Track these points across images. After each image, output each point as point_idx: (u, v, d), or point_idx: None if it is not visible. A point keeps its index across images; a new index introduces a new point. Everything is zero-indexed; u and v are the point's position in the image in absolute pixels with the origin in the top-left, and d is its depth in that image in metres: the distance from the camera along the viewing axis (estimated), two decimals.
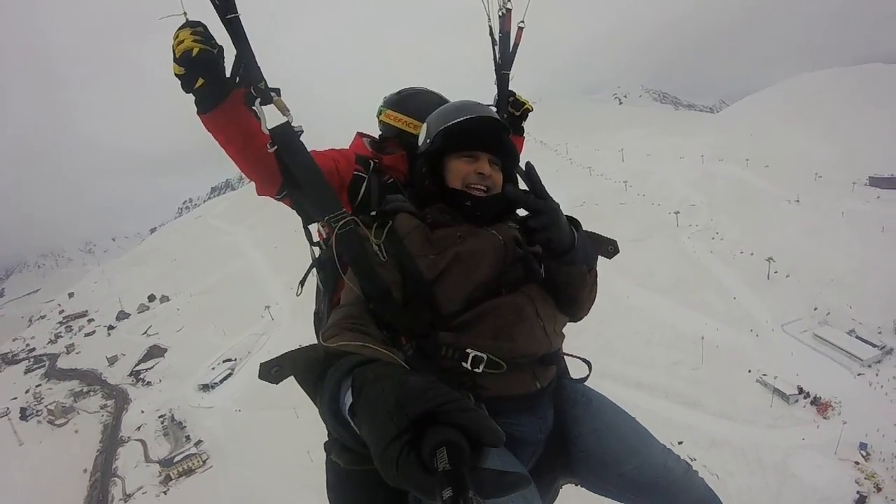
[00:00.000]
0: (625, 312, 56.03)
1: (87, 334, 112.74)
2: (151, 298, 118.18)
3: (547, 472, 1.84)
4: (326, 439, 1.35)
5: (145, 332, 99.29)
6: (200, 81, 1.88)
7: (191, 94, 1.94)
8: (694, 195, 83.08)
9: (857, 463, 37.34)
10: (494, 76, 2.71)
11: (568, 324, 1.94)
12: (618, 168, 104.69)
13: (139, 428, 65.03)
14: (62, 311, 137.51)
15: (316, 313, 2.31)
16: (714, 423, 41.86)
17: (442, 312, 1.65)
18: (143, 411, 68.86)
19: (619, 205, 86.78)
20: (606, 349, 49.23)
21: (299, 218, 2.16)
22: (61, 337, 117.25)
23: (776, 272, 59.07)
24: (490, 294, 1.70)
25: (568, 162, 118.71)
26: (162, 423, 64.05)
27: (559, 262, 1.72)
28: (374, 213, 1.93)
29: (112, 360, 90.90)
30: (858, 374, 45.01)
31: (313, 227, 2.24)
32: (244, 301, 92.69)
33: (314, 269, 2.20)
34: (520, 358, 1.67)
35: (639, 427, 1.94)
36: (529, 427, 1.74)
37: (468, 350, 1.60)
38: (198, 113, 1.97)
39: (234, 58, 1.92)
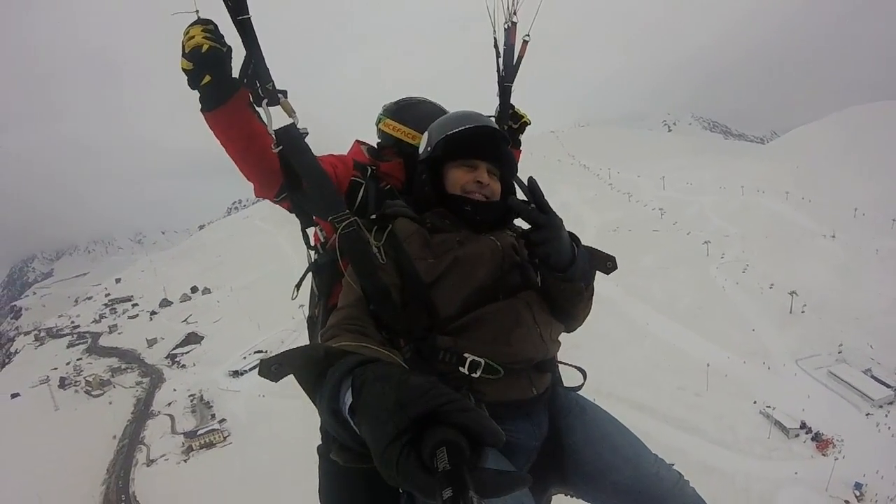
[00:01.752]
0: (639, 338, 57.31)
1: (131, 317, 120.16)
2: (194, 290, 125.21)
3: (540, 479, 1.89)
4: (319, 443, 1.51)
5: (185, 320, 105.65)
6: (207, 78, 1.95)
7: (196, 91, 2.01)
8: (728, 227, 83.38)
9: (847, 502, 37.57)
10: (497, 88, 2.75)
11: (582, 345, 3.30)
12: (657, 196, 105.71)
13: (169, 404, 70.23)
14: (108, 294, 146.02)
15: (310, 318, 2.36)
16: (708, 450, 42.50)
17: (440, 316, 1.70)
18: (174, 390, 74.10)
19: (652, 231, 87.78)
20: (615, 370, 50.38)
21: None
22: (105, 317, 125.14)
23: (803, 308, 59.16)
24: (488, 299, 1.75)
25: (608, 187, 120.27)
26: (191, 401, 69.00)
27: (557, 276, 1.76)
28: (373, 216, 1.99)
29: (151, 343, 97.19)
30: (867, 414, 45.07)
31: (310, 231, 2.33)
32: (280, 299, 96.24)
33: (309, 274, 2.30)
34: (517, 363, 1.71)
35: (631, 436, 1.99)
36: (525, 433, 1.78)
37: (466, 354, 1.64)
38: (202, 110, 2.03)
39: (242, 59, 1.98)
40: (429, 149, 2.04)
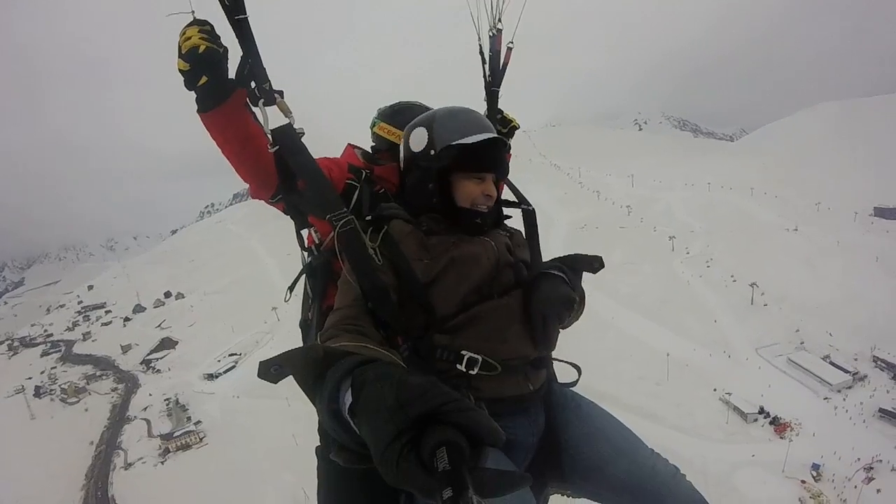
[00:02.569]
0: (603, 330, 59.35)
1: (104, 324, 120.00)
2: (167, 295, 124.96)
3: (538, 476, 1.87)
4: (318, 445, 1.50)
5: (159, 326, 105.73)
6: (204, 79, 1.95)
7: (192, 93, 2.01)
8: (694, 222, 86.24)
9: (803, 482, 39.06)
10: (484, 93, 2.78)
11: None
12: (626, 193, 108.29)
13: (146, 409, 70.92)
14: (81, 301, 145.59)
15: (304, 321, 2.36)
16: (667, 435, 43.54)
17: (437, 315, 1.72)
18: (150, 394, 74.77)
19: (619, 228, 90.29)
20: (579, 363, 51.91)
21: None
22: (79, 325, 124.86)
23: (764, 299, 61.76)
24: (483, 298, 1.78)
25: (578, 185, 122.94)
26: (167, 405, 69.70)
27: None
28: (368, 217, 1.96)
29: (126, 349, 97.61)
30: (825, 399, 46.95)
31: (304, 233, 2.36)
32: (253, 302, 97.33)
33: (302, 276, 2.34)
34: (513, 360, 1.74)
35: (627, 431, 2.01)
36: (523, 429, 1.81)
37: (463, 352, 1.67)
38: (198, 111, 2.03)
39: (239, 59, 1.97)
40: (432, 152, 1.97)
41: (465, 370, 1.66)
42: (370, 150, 2.67)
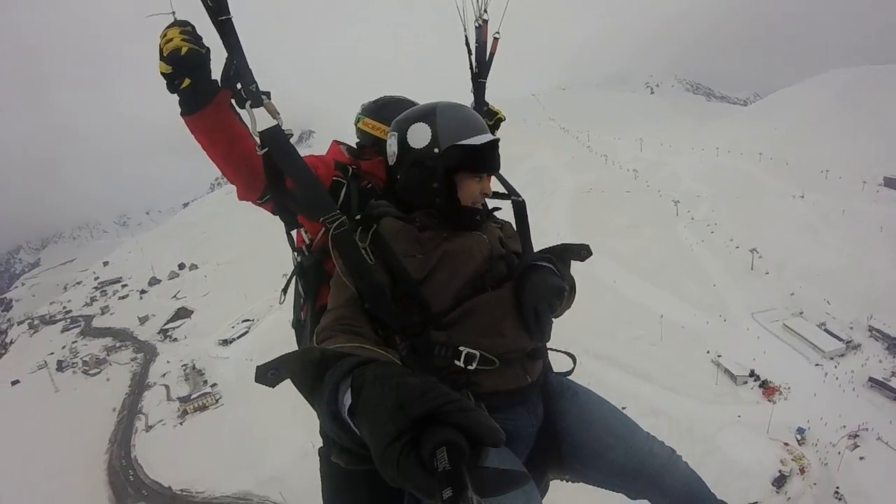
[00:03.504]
0: (601, 293, 60.77)
1: (121, 297, 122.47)
2: (181, 267, 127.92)
3: (538, 465, 1.94)
4: (321, 446, 1.51)
5: (174, 296, 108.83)
6: (187, 82, 1.93)
7: (175, 95, 1.99)
8: (700, 187, 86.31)
9: (786, 444, 40.20)
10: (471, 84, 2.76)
11: None
12: (634, 157, 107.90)
13: (164, 375, 74.35)
14: (97, 277, 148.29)
15: (297, 321, 2.42)
16: (658, 394, 46.05)
17: (432, 311, 1.74)
18: (168, 362, 78.13)
19: (624, 192, 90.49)
20: (578, 324, 52.43)
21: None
22: (96, 300, 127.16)
23: (764, 265, 62.52)
24: (477, 291, 1.81)
25: (587, 149, 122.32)
26: (184, 370, 73.05)
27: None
28: (358, 217, 1.98)
29: (143, 320, 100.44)
30: (817, 365, 47.72)
31: (294, 233, 2.40)
32: (265, 270, 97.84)
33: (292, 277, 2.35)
34: (510, 353, 1.77)
35: (623, 416, 2.09)
36: (522, 421, 1.86)
37: (461, 348, 1.69)
38: (182, 114, 2.02)
39: (224, 60, 1.97)
40: (436, 150, 1.93)
41: (463, 366, 1.69)
42: (355, 146, 2.71)
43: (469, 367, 1.69)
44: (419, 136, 1.97)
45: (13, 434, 67.47)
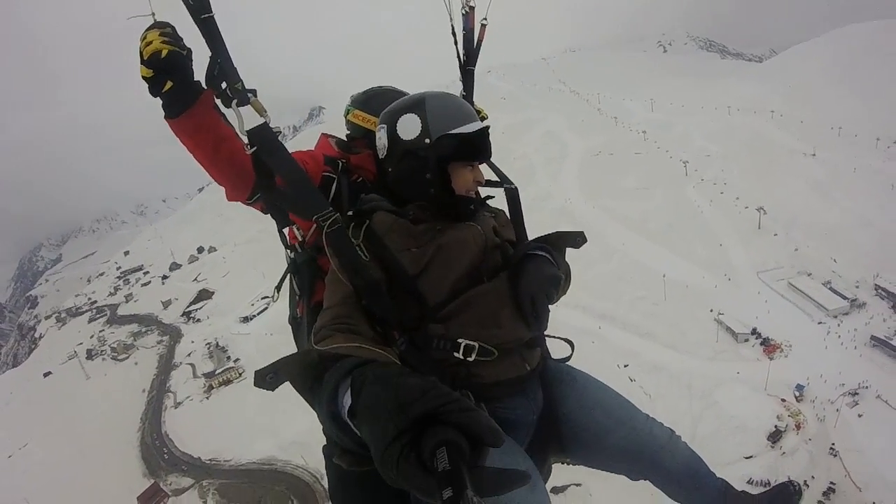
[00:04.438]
0: (609, 255, 62.36)
1: (144, 284, 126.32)
2: (200, 250, 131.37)
3: (539, 451, 2.00)
4: (325, 443, 1.49)
5: (195, 279, 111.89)
6: (169, 84, 1.93)
7: (158, 99, 1.98)
8: (711, 146, 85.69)
9: (784, 400, 41.26)
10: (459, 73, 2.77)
11: None
12: (645, 118, 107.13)
13: (189, 354, 78.30)
14: (119, 267, 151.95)
15: (293, 318, 2.44)
16: (659, 352, 47.72)
17: (429, 304, 1.77)
18: (192, 342, 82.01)
19: (634, 154, 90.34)
20: (584, 285, 54.31)
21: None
22: (120, 289, 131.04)
23: (771, 222, 62.56)
24: (473, 282, 1.83)
25: (597, 112, 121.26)
26: (208, 348, 76.95)
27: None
28: (350, 212, 1.98)
29: (166, 304, 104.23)
30: (820, 323, 48.25)
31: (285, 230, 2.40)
32: (280, 247, 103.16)
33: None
34: (508, 343, 1.80)
35: (622, 399, 2.15)
36: (523, 409, 1.90)
37: (459, 340, 1.72)
38: (165, 117, 2.01)
39: (208, 60, 1.95)
40: (427, 140, 1.97)
41: (462, 357, 1.72)
42: (345, 139, 2.72)
43: (468, 359, 1.72)
44: (409, 127, 2.00)
45: (49, 421, 71.95)
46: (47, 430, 70.09)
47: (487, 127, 2.08)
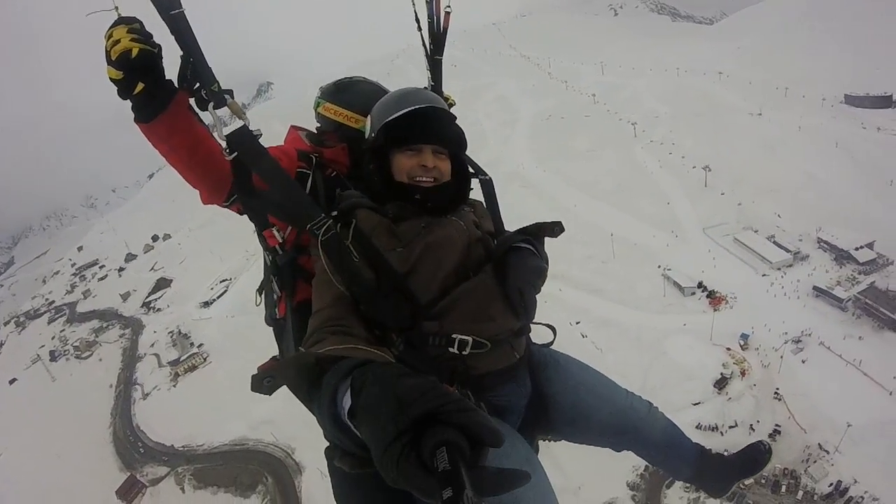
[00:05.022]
0: (559, 215, 63.96)
1: (100, 279, 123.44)
2: (155, 238, 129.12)
3: (528, 431, 2.09)
4: (327, 446, 1.46)
5: (152, 268, 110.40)
6: (141, 86, 1.82)
7: (127, 101, 1.87)
8: (660, 108, 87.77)
9: (729, 349, 43.30)
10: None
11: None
12: (595, 82, 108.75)
13: (153, 345, 78.12)
14: (74, 264, 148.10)
15: (273, 318, 2.45)
16: (609, 308, 50.18)
17: (420, 302, 1.81)
18: (155, 332, 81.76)
19: (584, 117, 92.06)
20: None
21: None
22: (77, 286, 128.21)
23: (717, 180, 64.70)
24: (461, 278, 1.89)
25: (547, 76, 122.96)
26: (171, 337, 76.80)
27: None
28: (335, 213, 1.97)
29: (125, 297, 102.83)
30: (763, 275, 50.47)
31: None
32: (236, 228, 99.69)
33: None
34: (500, 335, 1.88)
35: (603, 378, 2.30)
36: (515, 395, 1.99)
37: (453, 335, 1.78)
38: (136, 121, 1.90)
39: (180, 60, 1.87)
40: (372, 135, 2.09)
41: (457, 352, 1.79)
42: (315, 132, 2.72)
43: (463, 353, 1.79)
44: (366, 128, 2.20)
45: (21, 428, 72.07)
46: (20, 437, 70.31)
47: (426, 108, 2.06)
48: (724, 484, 2.78)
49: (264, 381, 1.26)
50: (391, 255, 1.86)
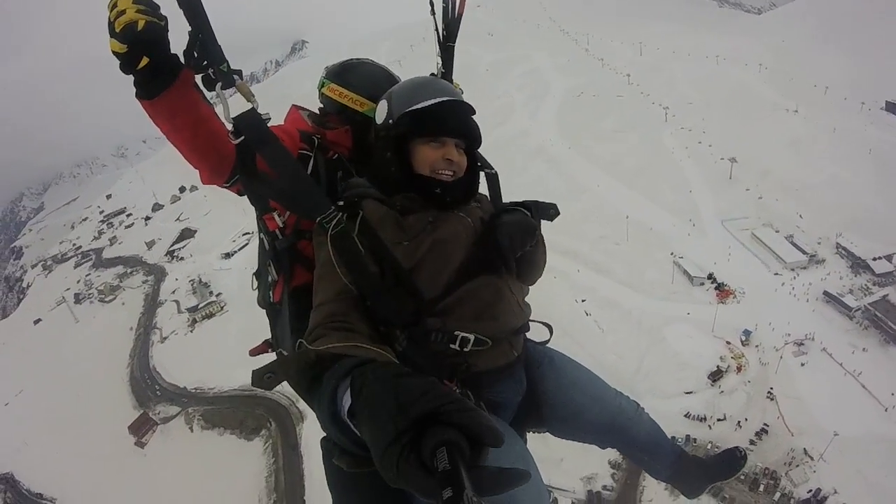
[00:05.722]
0: (577, 193, 65.03)
1: (127, 227, 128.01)
2: (182, 189, 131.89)
3: (519, 426, 2.17)
4: (322, 438, 1.48)
5: (178, 219, 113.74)
6: (145, 61, 1.77)
7: (130, 76, 1.81)
8: (694, 94, 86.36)
9: (728, 343, 43.20)
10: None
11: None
12: (632, 61, 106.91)
13: (174, 292, 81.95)
14: (102, 211, 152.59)
15: (267, 301, 2.47)
16: (615, 289, 50.60)
17: (424, 298, 1.84)
18: (176, 279, 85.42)
19: (616, 97, 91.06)
20: (549, 223, 57.34)
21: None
22: (104, 233, 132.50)
23: (744, 173, 63.90)
24: (466, 275, 1.91)
25: (584, 52, 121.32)
26: (192, 285, 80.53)
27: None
28: (341, 202, 1.99)
29: (150, 245, 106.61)
30: (776, 274, 49.90)
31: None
32: None
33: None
34: (502, 333, 1.94)
35: (594, 377, 2.40)
36: (512, 391, 2.07)
37: (456, 332, 1.83)
38: (138, 97, 1.86)
39: (188, 36, 1.81)
40: (390, 121, 2.05)
41: (459, 349, 1.83)
42: (318, 112, 2.72)
43: (464, 350, 1.84)
44: (380, 112, 2.14)
45: (43, 366, 76.91)
46: (41, 374, 74.89)
47: (453, 100, 2.09)
48: (700, 485, 2.93)
49: (265, 377, 1.30)
50: (397, 249, 1.88)
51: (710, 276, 50.93)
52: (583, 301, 50.05)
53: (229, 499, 47.99)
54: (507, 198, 2.41)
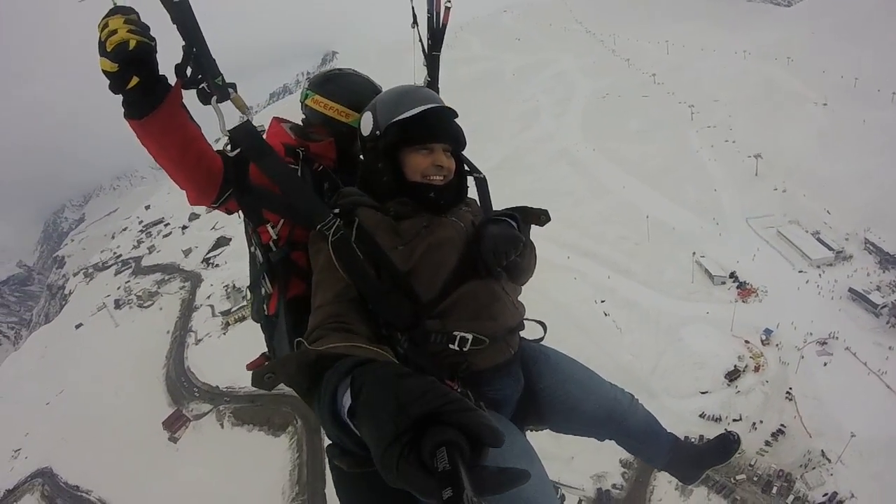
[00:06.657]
0: (600, 194, 66.01)
1: (165, 236, 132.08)
2: None
3: (518, 423, 2.20)
4: (329, 444, 1.44)
5: (213, 227, 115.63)
6: (135, 80, 1.79)
7: (119, 96, 1.83)
8: (720, 92, 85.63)
9: (747, 342, 43.24)
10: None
11: (547, 203, 2.44)
12: (658, 61, 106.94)
13: (209, 297, 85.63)
14: (141, 221, 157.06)
15: (262, 314, 2.46)
16: (634, 289, 51.15)
17: (422, 301, 1.89)
18: (211, 285, 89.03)
19: (641, 97, 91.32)
20: (571, 224, 58.35)
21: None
22: (143, 242, 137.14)
23: (769, 170, 63.46)
24: (460, 277, 1.96)
25: (611, 53, 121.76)
26: (226, 290, 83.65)
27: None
28: (336, 210, 2.01)
29: (187, 252, 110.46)
30: (800, 272, 49.54)
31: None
32: None
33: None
34: (499, 332, 1.99)
35: (589, 371, 2.44)
36: (510, 389, 2.11)
37: (455, 333, 1.88)
38: (127, 117, 1.88)
39: (182, 51, 1.83)
40: (377, 132, 2.10)
41: (458, 349, 1.88)
42: (301, 124, 2.73)
43: (463, 349, 1.89)
44: (365, 124, 2.19)
45: (83, 367, 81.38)
46: (81, 376, 79.29)
47: (438, 107, 2.15)
48: (696, 471, 2.98)
49: (265, 378, 1.29)
50: (394, 254, 1.94)
51: (733, 275, 50.89)
52: (602, 301, 50.79)
53: (256, 490, 50.66)
54: (525, 201, 2.53)
